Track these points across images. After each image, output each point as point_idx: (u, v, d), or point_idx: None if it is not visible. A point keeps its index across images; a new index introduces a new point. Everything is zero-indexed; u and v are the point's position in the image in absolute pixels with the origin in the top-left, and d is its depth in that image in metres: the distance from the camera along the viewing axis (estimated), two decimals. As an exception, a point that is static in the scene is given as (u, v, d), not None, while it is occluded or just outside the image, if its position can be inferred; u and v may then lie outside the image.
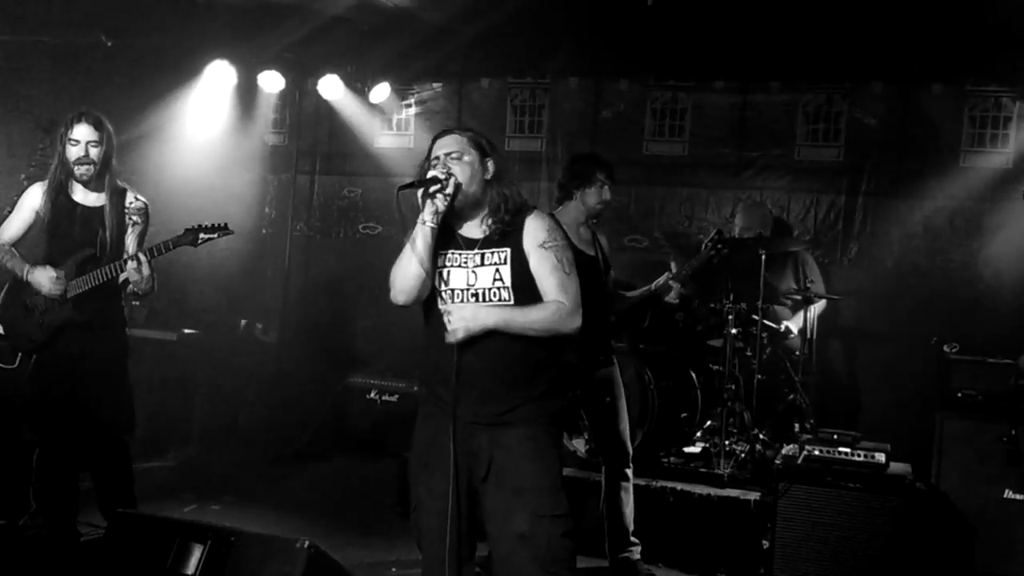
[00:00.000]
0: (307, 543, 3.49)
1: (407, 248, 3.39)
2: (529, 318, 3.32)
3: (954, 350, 5.89)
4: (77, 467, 4.80)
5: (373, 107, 8.28)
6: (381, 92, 8.11)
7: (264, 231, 8.77)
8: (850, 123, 7.21)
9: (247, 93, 8.17)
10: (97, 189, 4.65)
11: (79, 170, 4.55)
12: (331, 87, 8.07)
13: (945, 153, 6.95)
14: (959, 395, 5.69)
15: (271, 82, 8.03)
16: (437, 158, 3.44)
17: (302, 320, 8.71)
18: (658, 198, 7.67)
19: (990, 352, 5.80)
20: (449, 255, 3.44)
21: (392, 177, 8.32)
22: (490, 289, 3.37)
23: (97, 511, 4.90)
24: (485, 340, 3.30)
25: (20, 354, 4.70)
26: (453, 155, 3.42)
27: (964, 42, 6.62)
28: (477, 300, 3.37)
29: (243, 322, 8.13)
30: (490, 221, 3.44)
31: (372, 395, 7.69)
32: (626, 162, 7.51)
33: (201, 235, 4.51)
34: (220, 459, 7.33)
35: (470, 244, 3.44)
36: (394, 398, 7.61)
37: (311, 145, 8.74)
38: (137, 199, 4.71)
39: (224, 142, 8.21)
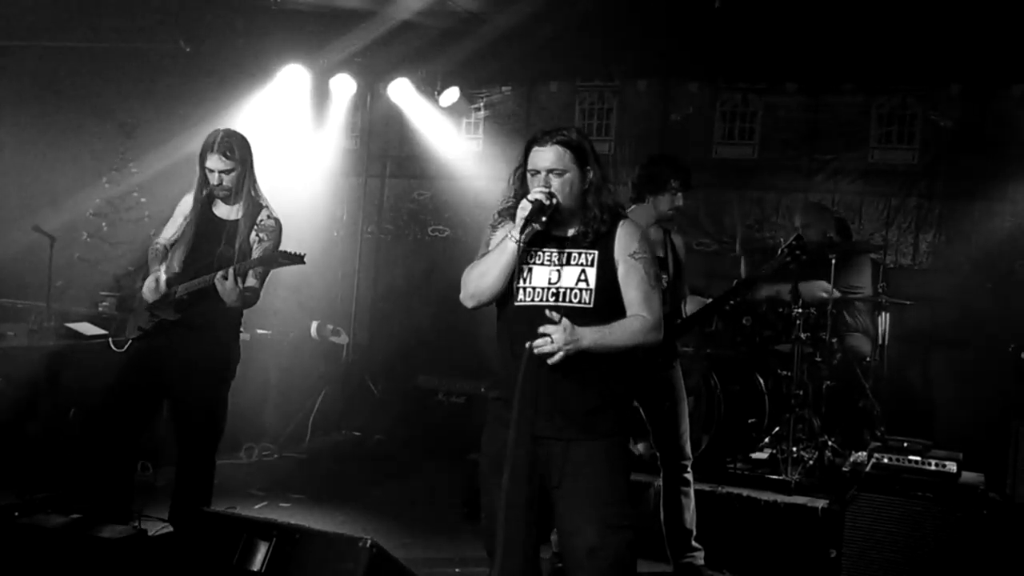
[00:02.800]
0: (369, 542, 3.54)
1: (490, 256, 3.39)
2: (617, 336, 3.30)
3: (1033, 357, 5.76)
4: (134, 459, 4.92)
5: (443, 111, 8.36)
6: (451, 96, 8.18)
7: (335, 233, 8.90)
8: (926, 125, 7.09)
9: (319, 97, 8.31)
10: (234, 202, 4.76)
11: (217, 192, 4.71)
12: (401, 91, 8.17)
13: (1025, 155, 6.79)
14: (1037, 403, 5.56)
15: (343, 86, 8.15)
16: (538, 172, 3.40)
17: (372, 321, 8.84)
18: (728, 202, 7.61)
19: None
20: (533, 252, 3.42)
21: (461, 180, 8.40)
22: (572, 289, 3.35)
23: (164, 505, 5.00)
24: None
25: (130, 341, 4.85)
26: (556, 172, 3.39)
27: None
28: (557, 299, 3.34)
29: (315, 323, 8.25)
30: (582, 224, 3.42)
31: (440, 396, 7.76)
32: (695, 165, 7.33)
33: (279, 259, 4.60)
34: (291, 458, 7.47)
35: (559, 242, 3.43)
36: (462, 399, 7.68)
37: (381, 149, 8.86)
38: (269, 217, 4.77)
39: (297, 146, 8.36)
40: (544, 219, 3.34)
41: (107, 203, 7.78)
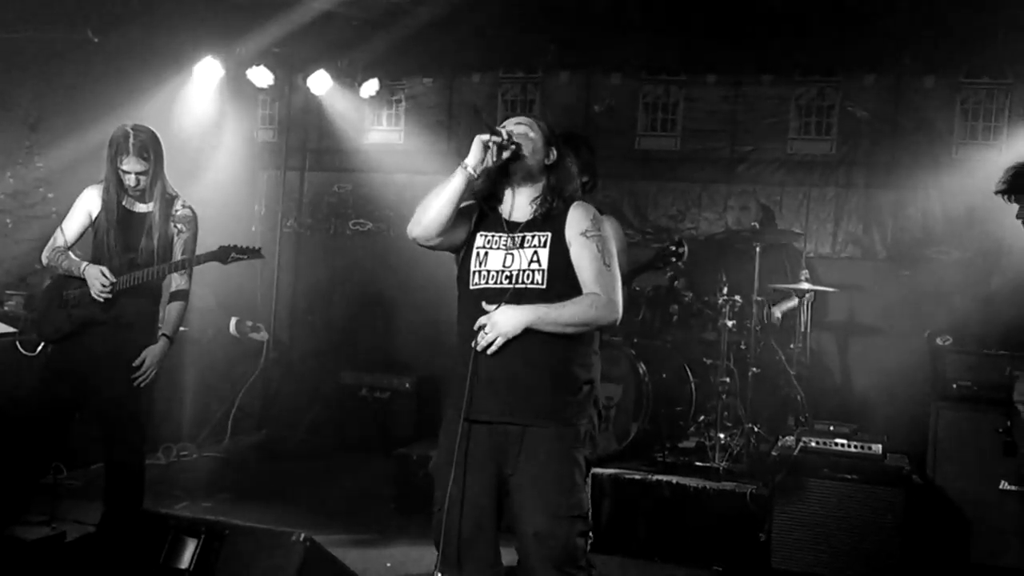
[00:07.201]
0: (303, 536, 3.46)
1: (439, 187, 3.35)
2: (564, 314, 3.28)
3: (947, 342, 5.88)
4: (46, 465, 4.75)
5: (363, 102, 8.25)
6: (371, 87, 8.07)
7: (253, 228, 8.69)
8: (842, 116, 7.22)
9: (236, 89, 8.10)
10: (147, 199, 4.63)
11: (131, 191, 4.58)
12: (321, 82, 8.02)
13: (938, 146, 6.97)
14: (954, 387, 5.69)
15: (260, 77, 7.95)
16: (504, 126, 3.43)
17: (293, 317, 8.67)
18: (650, 193, 7.64)
19: (984, 344, 5.80)
20: (491, 237, 3.43)
21: (383, 173, 8.29)
22: (524, 271, 3.33)
23: (83, 507, 4.87)
24: (513, 337, 3.25)
25: (43, 344, 4.63)
26: (521, 126, 3.43)
27: (956, 35, 6.62)
28: (510, 282, 3.33)
29: (233, 319, 8.06)
30: (538, 205, 3.42)
31: (364, 392, 7.64)
32: (618, 157, 7.51)
33: (233, 254, 4.50)
34: (211, 458, 7.28)
35: (513, 227, 3.42)
36: (386, 395, 7.57)
37: (300, 141, 8.69)
38: (184, 207, 4.68)
39: (212, 138, 8.16)
40: (499, 154, 3.31)
41: (11, 198, 7.48)
